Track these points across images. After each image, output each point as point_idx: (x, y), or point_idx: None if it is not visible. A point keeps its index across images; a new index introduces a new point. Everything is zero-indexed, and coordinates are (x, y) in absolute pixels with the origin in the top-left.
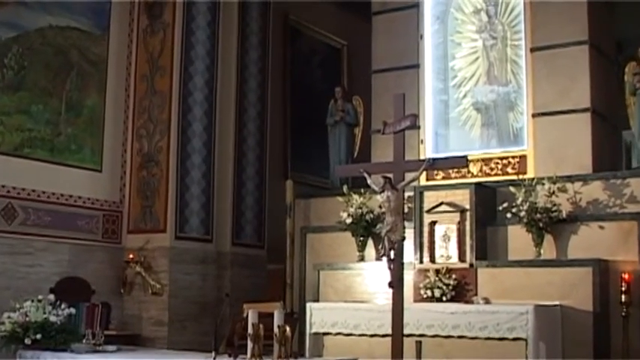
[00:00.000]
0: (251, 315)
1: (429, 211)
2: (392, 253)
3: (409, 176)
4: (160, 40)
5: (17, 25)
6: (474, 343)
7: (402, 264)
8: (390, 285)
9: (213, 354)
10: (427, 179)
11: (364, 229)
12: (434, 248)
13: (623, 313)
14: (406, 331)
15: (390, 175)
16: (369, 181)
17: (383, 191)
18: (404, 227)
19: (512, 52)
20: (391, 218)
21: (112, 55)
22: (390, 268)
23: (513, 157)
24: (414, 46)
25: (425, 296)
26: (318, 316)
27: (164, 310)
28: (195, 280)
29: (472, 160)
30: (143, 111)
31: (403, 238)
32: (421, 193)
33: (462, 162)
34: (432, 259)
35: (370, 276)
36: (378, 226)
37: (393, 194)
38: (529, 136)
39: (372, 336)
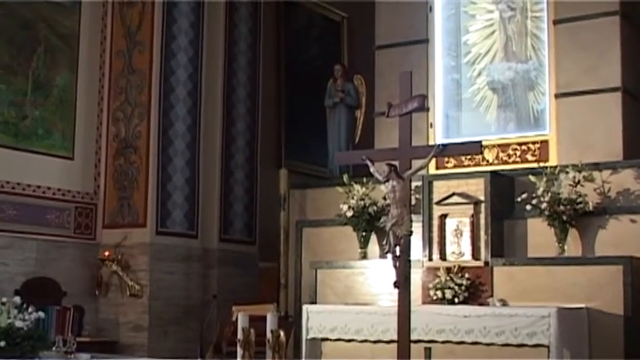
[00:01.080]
0: (241, 319)
1: (439, 203)
2: (397, 249)
3: (417, 164)
4: (139, 11)
5: None
6: (489, 349)
7: (409, 262)
8: (396, 285)
9: None
10: (437, 167)
11: (367, 222)
12: (444, 244)
13: None
14: (414, 337)
15: (396, 163)
16: (371, 170)
17: (387, 181)
18: (411, 221)
19: (532, 24)
20: (397, 211)
21: (85, 28)
22: (395, 266)
23: (534, 143)
24: (422, 19)
25: (435, 298)
26: (316, 319)
27: (144, 314)
28: (178, 280)
29: (487, 146)
30: (120, 91)
31: (410, 233)
32: (430, 183)
33: (475, 148)
34: (443, 257)
35: (373, 275)
36: (382, 220)
37: (398, 184)
38: (551, 118)
39: (375, 342)
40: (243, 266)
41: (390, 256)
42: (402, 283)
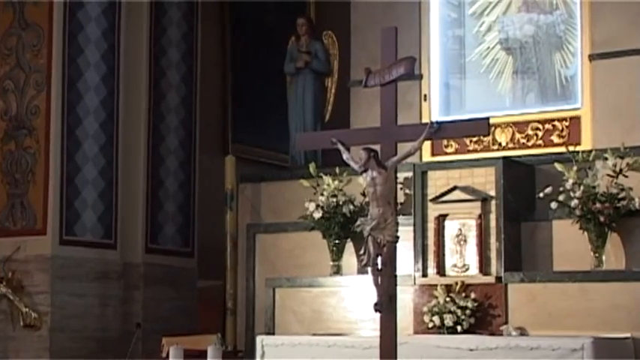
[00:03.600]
0: (173, 354)
1: (435, 200)
2: (379, 261)
3: (405, 149)
4: None
5: None
6: None
7: (395, 277)
8: (377, 308)
9: None
10: (433, 153)
11: (340, 227)
12: (443, 254)
13: None
14: None
15: (377, 148)
16: (345, 157)
17: (366, 171)
18: (397, 223)
19: None
20: (378, 210)
21: None
22: (376, 283)
23: (561, 120)
24: None
25: (430, 325)
26: (274, 354)
27: (43, 351)
28: (90, 304)
29: (499, 125)
30: (8, 53)
31: (396, 239)
32: (424, 174)
33: (482, 127)
34: (441, 271)
35: (350, 296)
36: (358, 222)
37: (380, 175)
38: (584, 88)
39: None
40: (177, 285)
41: (370, 270)
42: (386, 305)
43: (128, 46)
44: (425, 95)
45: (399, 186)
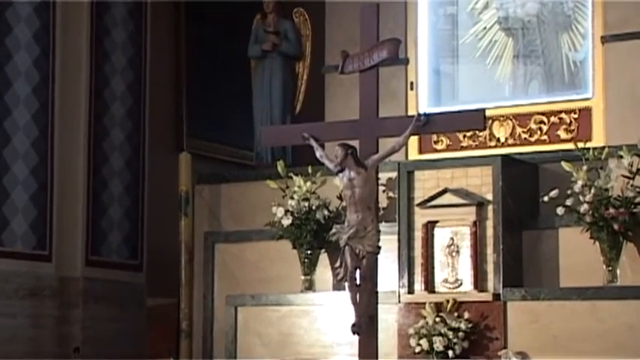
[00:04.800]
0: None
1: (423, 205)
2: (358, 275)
3: (388, 145)
4: None
5: None
6: None
7: (377, 294)
8: (356, 330)
9: None
10: (420, 151)
11: (313, 235)
12: (432, 268)
13: None
14: None
15: (355, 144)
16: (318, 154)
17: (342, 170)
18: (378, 232)
19: None
20: (356, 216)
21: None
22: (354, 301)
23: (568, 112)
24: None
25: (418, 349)
26: None
27: None
28: (20, 325)
29: (496, 117)
30: None
31: (377, 250)
32: (410, 174)
33: (477, 120)
34: (430, 287)
35: (324, 316)
36: (334, 230)
37: (359, 176)
38: (596, 74)
39: None
40: (122, 303)
41: (347, 285)
42: (366, 326)
43: (65, 23)
44: (411, 83)
45: (381, 188)
